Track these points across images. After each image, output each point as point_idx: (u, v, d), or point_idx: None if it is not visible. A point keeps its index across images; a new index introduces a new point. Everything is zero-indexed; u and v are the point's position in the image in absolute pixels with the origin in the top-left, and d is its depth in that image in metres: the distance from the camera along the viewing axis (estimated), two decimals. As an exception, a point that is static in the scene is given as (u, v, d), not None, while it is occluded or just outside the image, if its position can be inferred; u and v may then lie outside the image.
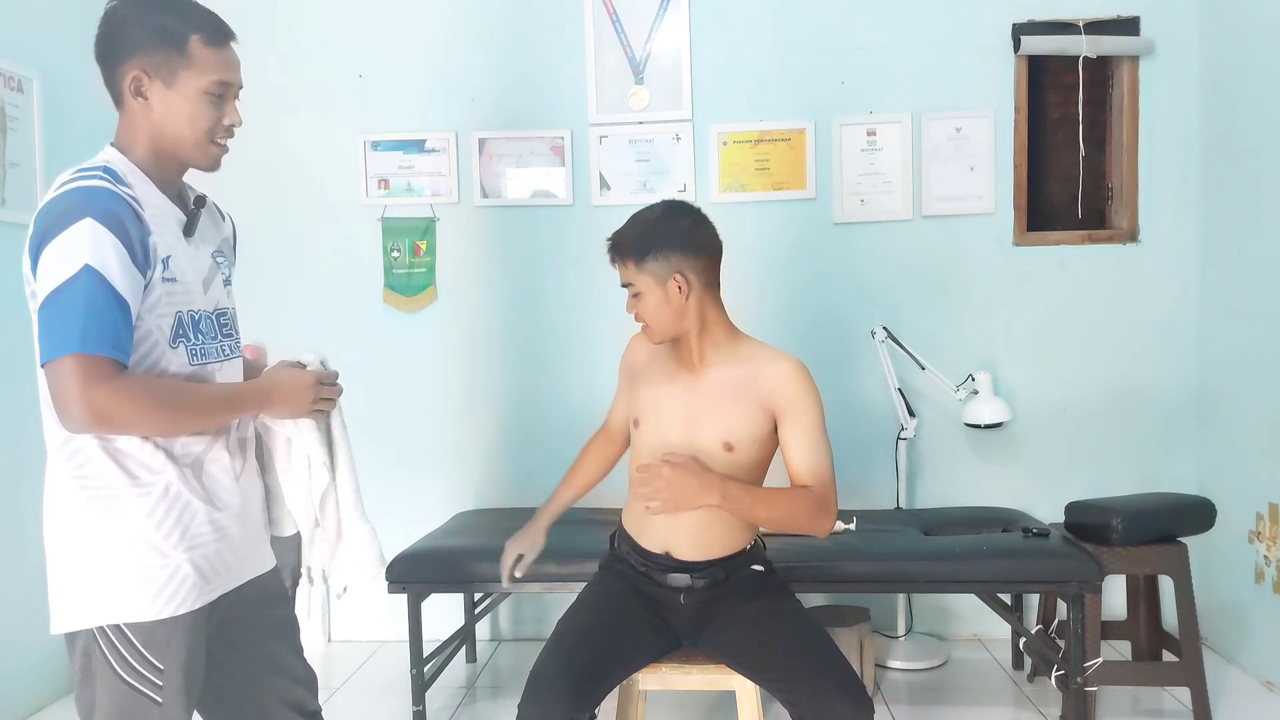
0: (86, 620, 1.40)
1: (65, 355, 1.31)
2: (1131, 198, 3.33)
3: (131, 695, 1.40)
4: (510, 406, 3.43)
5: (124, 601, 1.40)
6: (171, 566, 1.41)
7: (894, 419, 3.23)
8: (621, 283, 1.97)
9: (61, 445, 1.44)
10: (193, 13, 1.48)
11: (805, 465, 1.91)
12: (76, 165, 1.46)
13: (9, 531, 2.83)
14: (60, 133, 3.06)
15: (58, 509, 1.45)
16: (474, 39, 3.40)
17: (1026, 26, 3.28)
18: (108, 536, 1.40)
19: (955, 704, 2.84)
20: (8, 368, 2.83)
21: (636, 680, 2.00)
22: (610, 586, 2.06)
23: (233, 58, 1.51)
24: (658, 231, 1.93)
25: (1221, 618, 3.15)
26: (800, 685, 1.80)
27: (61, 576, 1.44)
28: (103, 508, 1.41)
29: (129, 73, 1.48)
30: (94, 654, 1.40)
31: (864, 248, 3.34)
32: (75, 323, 1.31)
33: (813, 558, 2.56)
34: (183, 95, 1.46)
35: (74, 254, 1.32)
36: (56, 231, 1.34)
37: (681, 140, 3.37)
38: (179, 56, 1.45)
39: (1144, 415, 3.31)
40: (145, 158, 1.50)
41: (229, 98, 1.51)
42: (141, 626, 1.40)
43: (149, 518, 1.41)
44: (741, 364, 1.96)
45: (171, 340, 1.45)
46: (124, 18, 1.48)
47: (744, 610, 1.95)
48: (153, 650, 1.40)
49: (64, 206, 1.36)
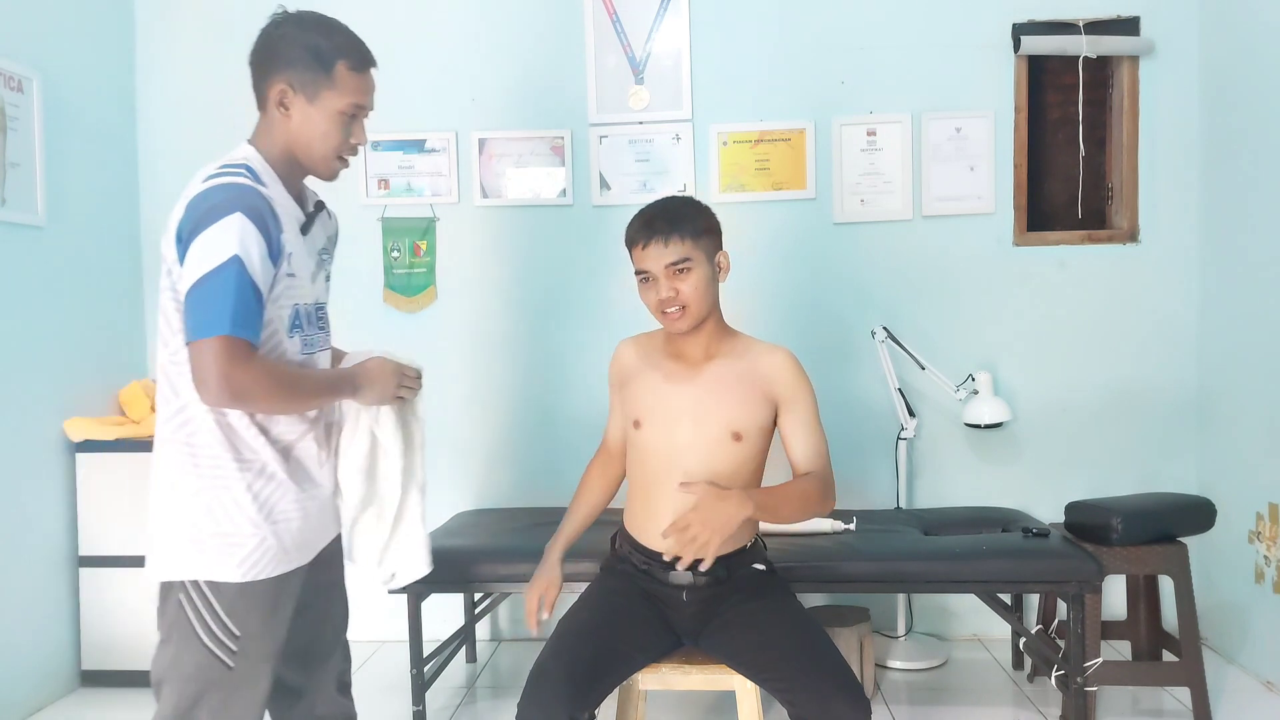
0: (179, 573, 1.56)
1: (214, 336, 1.44)
2: (1131, 198, 3.33)
3: (207, 657, 1.56)
4: (510, 406, 3.43)
5: (213, 562, 1.55)
6: (259, 537, 1.56)
7: (894, 419, 3.23)
8: (668, 261, 1.91)
9: (175, 414, 1.58)
10: (343, 39, 1.63)
11: (807, 452, 1.97)
12: (222, 159, 1.60)
13: (9, 532, 2.82)
14: (60, 133, 3.06)
15: (166, 471, 1.60)
16: (474, 39, 3.40)
17: (1026, 26, 3.28)
18: (209, 503, 1.55)
19: (955, 704, 2.84)
20: (8, 368, 2.83)
21: (636, 680, 2.01)
22: (612, 587, 2.06)
23: (370, 84, 1.66)
24: (704, 213, 1.98)
25: (1221, 618, 3.15)
26: (799, 685, 1.80)
27: (163, 532, 1.58)
28: (208, 476, 1.56)
29: (277, 84, 1.60)
30: (180, 616, 1.56)
31: (864, 248, 3.34)
32: (226, 307, 1.44)
33: (813, 558, 2.56)
34: (321, 112, 1.61)
35: (225, 244, 1.45)
36: (210, 222, 1.47)
37: (681, 140, 3.37)
38: (324, 77, 1.60)
39: (1144, 415, 3.32)
40: (277, 160, 1.63)
41: (360, 119, 1.66)
42: (225, 591, 1.55)
43: (247, 491, 1.56)
44: (739, 357, 2.00)
45: (289, 330, 1.60)
46: (283, 34, 1.61)
47: (745, 610, 1.95)
48: (233, 618, 1.55)
49: (217, 199, 1.49)
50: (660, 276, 1.93)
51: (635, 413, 2.03)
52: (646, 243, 1.93)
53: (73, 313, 3.11)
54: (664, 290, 1.92)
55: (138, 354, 3.47)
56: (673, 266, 1.92)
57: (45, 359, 2.98)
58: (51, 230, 3.02)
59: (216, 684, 1.57)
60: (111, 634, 3.05)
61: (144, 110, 3.49)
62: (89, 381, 3.18)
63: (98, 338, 3.25)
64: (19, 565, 2.86)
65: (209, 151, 3.57)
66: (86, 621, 3.06)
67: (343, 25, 1.66)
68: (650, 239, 1.92)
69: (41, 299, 2.97)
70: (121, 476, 3.03)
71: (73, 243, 3.12)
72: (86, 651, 3.07)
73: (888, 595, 3.22)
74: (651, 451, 1.99)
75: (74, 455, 3.06)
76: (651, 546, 2.00)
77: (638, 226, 1.96)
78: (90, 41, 3.27)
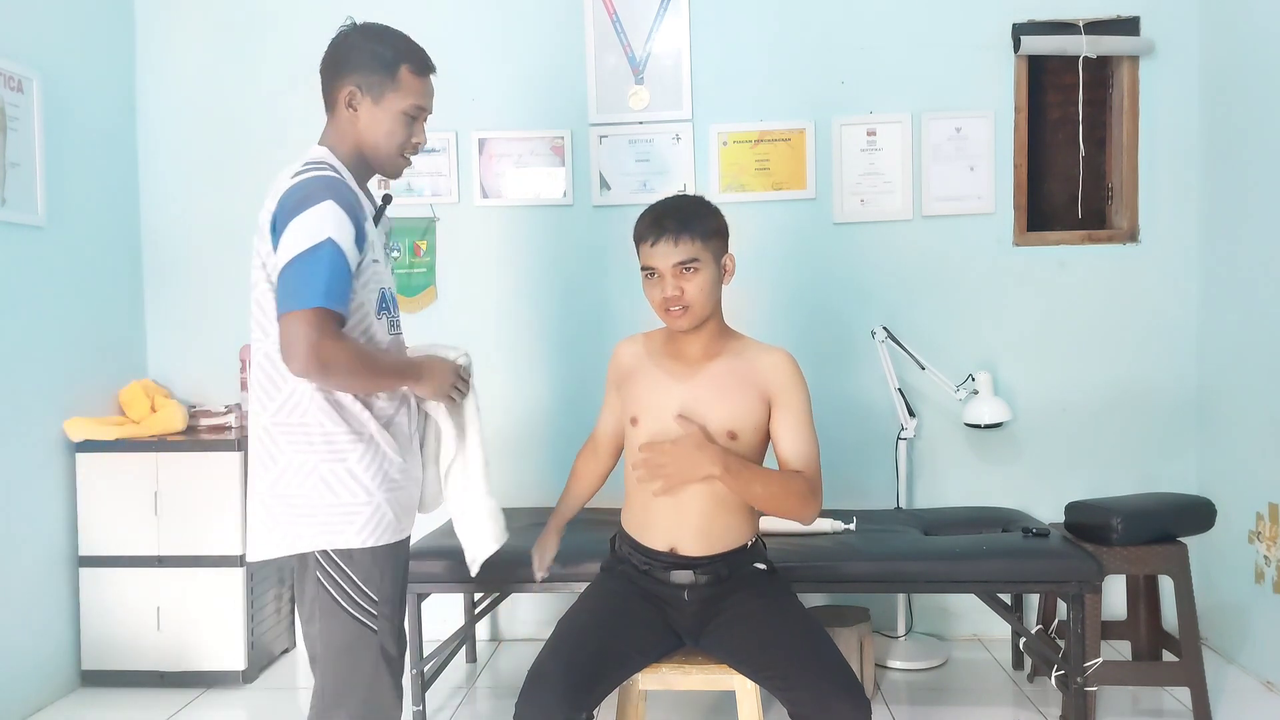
0: (308, 544, 1.66)
1: (307, 307, 1.53)
2: (1131, 198, 3.33)
3: (354, 625, 1.66)
4: (510, 406, 3.43)
5: (338, 532, 1.65)
6: (375, 503, 1.68)
7: (894, 419, 3.23)
8: (676, 260, 1.92)
9: (284, 401, 1.67)
10: (406, 46, 1.77)
11: (796, 452, 1.96)
12: (303, 159, 1.71)
13: (9, 532, 2.82)
14: (60, 133, 3.06)
15: (279, 454, 1.67)
16: (474, 39, 3.40)
17: (1026, 26, 3.28)
18: (326, 477, 1.65)
19: (955, 704, 2.84)
20: (8, 368, 2.83)
21: (636, 680, 2.00)
22: (611, 587, 2.05)
23: (430, 88, 1.81)
24: (714, 214, 1.99)
25: (1221, 618, 3.15)
26: (799, 685, 1.80)
27: (282, 512, 1.67)
28: (322, 452, 1.66)
29: (346, 86, 1.74)
30: (320, 592, 1.67)
31: (864, 248, 3.34)
32: (320, 281, 1.54)
33: (813, 558, 2.56)
34: (386, 112, 1.74)
35: (319, 227, 1.56)
36: (304, 208, 1.57)
37: (681, 140, 3.37)
38: (389, 80, 1.73)
39: (1144, 415, 3.32)
40: (347, 157, 1.75)
41: (420, 120, 1.80)
42: (358, 558, 1.66)
43: (360, 461, 1.67)
44: (737, 356, 2.00)
45: (377, 312, 1.72)
46: (351, 43, 1.75)
47: (745, 609, 1.95)
48: (369, 584, 1.67)
49: (310, 189, 1.60)
50: (666, 274, 1.93)
51: (633, 409, 2.03)
52: (655, 240, 1.93)
53: (73, 313, 3.11)
54: (669, 289, 1.93)
55: (138, 354, 3.47)
56: (680, 266, 1.92)
57: (45, 359, 2.98)
58: (51, 230, 3.02)
59: (366, 648, 1.68)
60: (111, 634, 3.05)
61: (144, 110, 3.48)
62: (89, 381, 3.18)
63: (98, 338, 3.25)
64: (19, 565, 2.86)
65: (209, 151, 3.60)
66: (86, 621, 3.06)
67: (404, 34, 1.80)
68: (660, 237, 1.93)
69: (41, 299, 2.97)
70: (121, 476, 3.04)
71: (73, 243, 3.12)
72: (86, 651, 3.07)
73: (888, 595, 3.22)
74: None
75: (74, 455, 3.06)
76: (650, 546, 2.00)
77: (648, 223, 1.96)
78: (90, 41, 3.27)
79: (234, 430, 3.23)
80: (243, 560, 3.04)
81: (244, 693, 3.03)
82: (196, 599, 3.04)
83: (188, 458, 3.05)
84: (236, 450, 3.04)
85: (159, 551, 3.04)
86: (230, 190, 3.46)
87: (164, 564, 3.04)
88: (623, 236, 3.39)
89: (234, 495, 3.03)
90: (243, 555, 3.03)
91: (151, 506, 3.03)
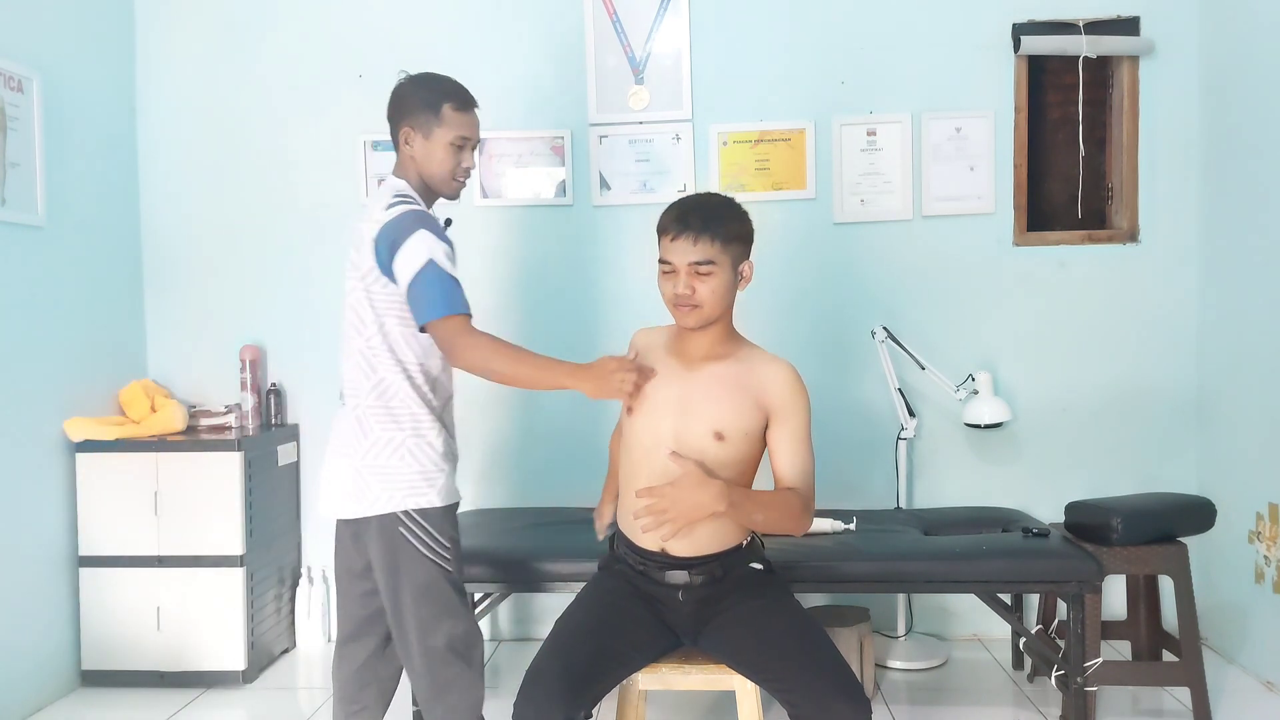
0: (397, 505, 1.97)
1: (448, 315, 1.91)
2: (1131, 198, 3.33)
3: (433, 568, 1.99)
4: (509, 406, 3.43)
5: (420, 494, 1.98)
6: (445, 471, 2.03)
7: (894, 419, 3.23)
8: (692, 259, 1.91)
9: (375, 386, 2.00)
10: (447, 87, 2.08)
11: (792, 468, 1.95)
12: (389, 190, 2.04)
13: (9, 532, 2.82)
14: (60, 133, 3.06)
15: (370, 430, 1.99)
16: (474, 39, 3.40)
17: (1026, 26, 3.28)
18: (410, 449, 1.99)
19: (955, 704, 2.84)
20: (8, 367, 2.84)
21: (636, 680, 2.01)
22: (609, 586, 2.05)
23: (473, 119, 2.09)
24: (741, 218, 1.99)
25: (1221, 618, 3.15)
26: (799, 685, 1.80)
27: (366, 477, 1.98)
28: (408, 429, 1.99)
29: (403, 129, 2.06)
30: (403, 543, 1.97)
31: (864, 248, 3.34)
32: (443, 294, 1.91)
33: (813, 558, 2.56)
34: (435, 145, 2.05)
35: (420, 253, 1.91)
36: (405, 238, 1.92)
37: (681, 140, 3.37)
38: (435, 118, 2.04)
39: (1144, 415, 3.31)
40: (414, 186, 2.07)
41: (467, 149, 2.09)
42: (432, 515, 1.99)
43: (437, 437, 2.02)
44: (738, 361, 2.00)
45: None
46: (404, 92, 2.08)
47: (743, 610, 1.95)
48: (443, 533, 2.00)
49: (405, 222, 1.94)
50: (681, 271, 1.93)
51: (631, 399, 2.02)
52: (676, 235, 1.93)
53: (73, 313, 3.11)
54: (681, 286, 1.93)
55: (138, 354, 3.47)
56: (695, 265, 1.92)
57: (45, 359, 2.98)
58: (51, 230, 3.02)
59: (444, 584, 1.99)
60: (111, 634, 3.05)
61: (144, 110, 3.49)
62: (89, 381, 3.18)
63: (98, 338, 3.25)
64: (19, 565, 2.86)
65: (209, 151, 3.60)
66: (86, 621, 3.06)
67: (448, 78, 2.10)
68: (680, 233, 1.92)
69: (41, 299, 2.97)
70: (121, 476, 3.04)
71: (73, 243, 3.12)
72: (86, 651, 3.07)
73: (888, 595, 3.22)
74: (637, 441, 1.99)
75: (74, 455, 3.06)
76: (645, 546, 2.00)
77: (672, 217, 1.95)
78: (90, 41, 3.27)
79: (234, 430, 3.23)
80: (242, 560, 3.04)
81: (244, 693, 3.03)
82: (196, 599, 3.04)
83: (188, 458, 3.05)
84: (236, 450, 3.04)
85: (159, 551, 3.04)
86: (230, 190, 3.46)
87: (164, 564, 3.04)
88: (623, 236, 3.41)
89: (234, 495, 3.03)
90: (242, 555, 3.04)
91: (151, 506, 3.03)
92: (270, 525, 3.22)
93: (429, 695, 2.01)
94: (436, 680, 2.00)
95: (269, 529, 3.21)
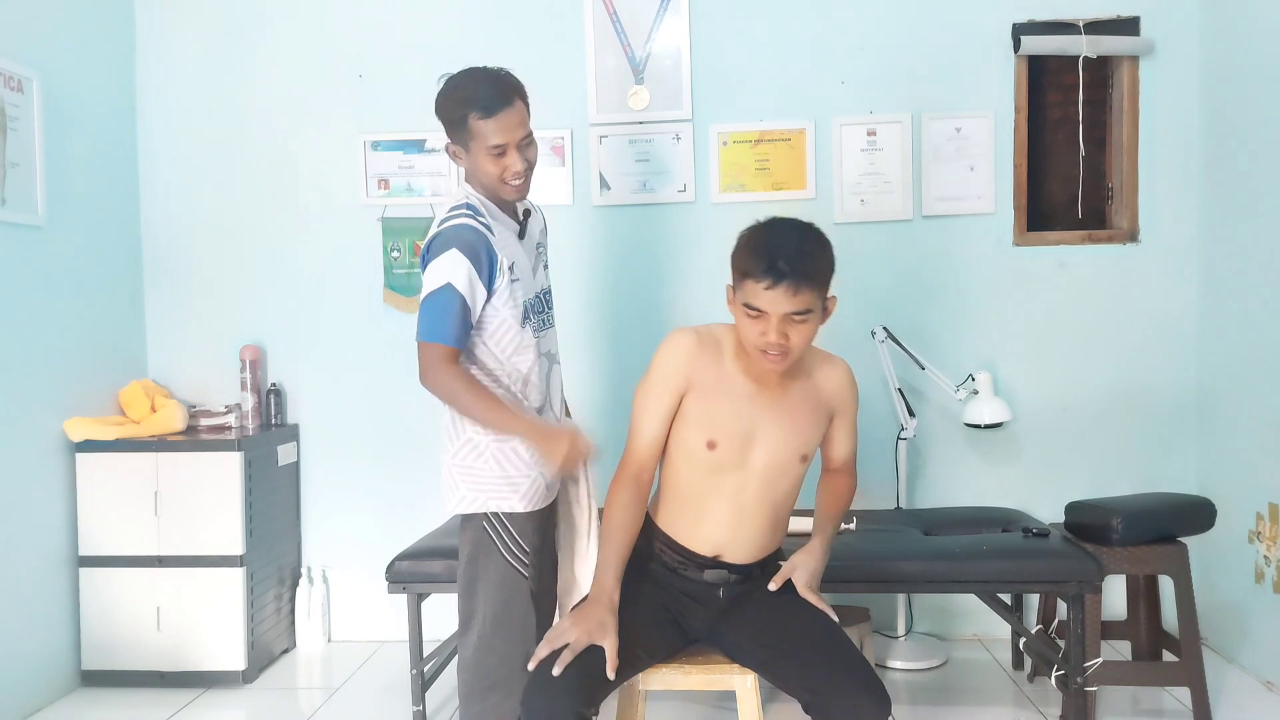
0: (481, 506, 2.01)
1: (432, 341, 1.93)
2: (1131, 198, 3.33)
3: (511, 571, 2.00)
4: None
5: (504, 498, 2.00)
6: (531, 478, 2.02)
7: (894, 419, 3.23)
8: (790, 310, 1.78)
9: None
10: (470, 94, 1.96)
11: (844, 454, 2.11)
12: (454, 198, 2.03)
13: (9, 532, 2.82)
14: (60, 133, 3.06)
15: (457, 429, 2.04)
16: (474, 39, 3.40)
17: (1026, 26, 3.28)
18: (497, 454, 2.01)
19: (955, 704, 2.84)
20: (8, 368, 2.84)
21: (637, 680, 2.00)
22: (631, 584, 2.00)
23: (506, 122, 1.95)
24: (828, 250, 1.88)
25: (1221, 618, 3.15)
26: (822, 676, 1.81)
27: (464, 479, 2.03)
28: (499, 436, 2.00)
29: (450, 145, 2.03)
30: (484, 536, 2.00)
31: (864, 248, 3.34)
32: (442, 321, 1.92)
33: (813, 558, 2.56)
34: (476, 155, 1.98)
35: (443, 273, 1.92)
36: (438, 254, 1.94)
37: (681, 140, 3.37)
38: (465, 132, 1.97)
39: (1144, 415, 3.31)
40: (480, 191, 2.04)
41: (509, 150, 1.97)
42: (516, 518, 2.00)
43: (524, 443, 1.99)
44: (806, 375, 1.99)
45: (521, 322, 2.02)
46: (437, 105, 2.01)
47: (767, 606, 1.96)
48: (524, 538, 2.01)
49: (446, 237, 1.94)
50: (774, 320, 1.80)
51: (710, 432, 1.91)
52: (772, 285, 1.77)
53: (73, 313, 3.11)
54: (774, 334, 1.80)
55: (138, 354, 3.47)
56: (791, 315, 1.80)
57: (45, 359, 2.98)
58: (51, 230, 3.02)
59: (519, 589, 2.00)
60: (111, 634, 3.05)
61: (144, 110, 3.48)
62: (89, 381, 3.18)
63: (98, 338, 3.25)
64: (19, 565, 2.86)
65: (209, 151, 3.59)
66: (86, 621, 3.06)
67: (470, 81, 1.96)
68: (778, 282, 1.77)
69: (41, 299, 2.97)
70: (121, 476, 3.04)
71: (73, 243, 3.12)
72: (86, 651, 3.07)
73: (888, 595, 3.22)
74: (723, 473, 1.94)
75: (74, 455, 3.06)
76: (693, 549, 1.98)
77: (765, 266, 1.77)
78: (90, 41, 3.27)
79: (234, 430, 3.23)
80: (242, 560, 3.04)
81: (244, 693, 3.03)
82: (196, 599, 3.04)
83: (188, 458, 3.05)
84: (236, 450, 3.04)
85: (159, 551, 3.04)
86: (230, 190, 3.46)
87: (164, 564, 3.04)
88: (623, 236, 3.41)
89: (234, 495, 3.03)
90: (242, 555, 3.04)
91: (151, 506, 3.03)
92: (270, 525, 3.22)
93: (472, 688, 2.03)
94: (484, 678, 2.01)
95: (269, 529, 3.21)
